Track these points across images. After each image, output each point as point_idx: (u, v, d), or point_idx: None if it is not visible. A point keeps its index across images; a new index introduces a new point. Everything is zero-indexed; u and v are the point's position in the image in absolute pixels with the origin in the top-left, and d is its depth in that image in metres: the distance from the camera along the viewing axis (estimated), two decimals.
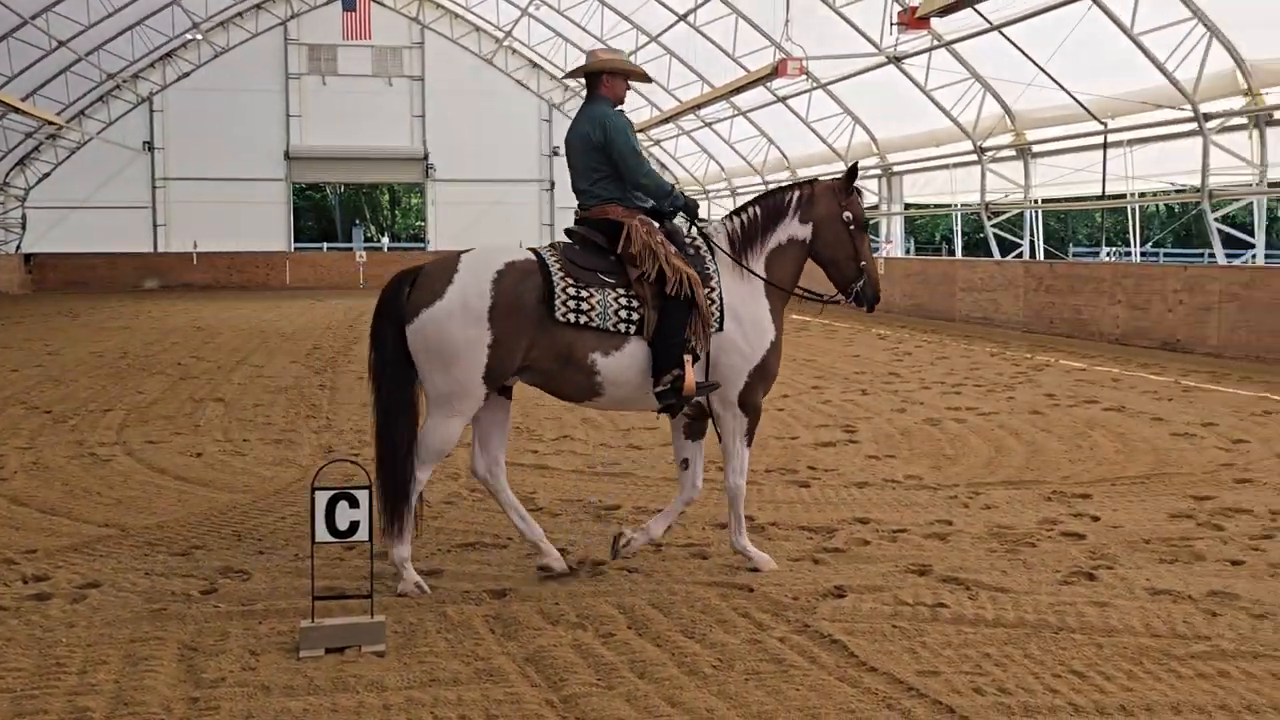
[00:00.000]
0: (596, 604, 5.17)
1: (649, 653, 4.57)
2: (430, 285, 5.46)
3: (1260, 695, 4.12)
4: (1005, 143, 22.56)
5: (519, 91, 39.40)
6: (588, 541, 6.28)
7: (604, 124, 5.79)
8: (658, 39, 30.39)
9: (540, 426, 10.11)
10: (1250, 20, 15.99)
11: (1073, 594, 5.29)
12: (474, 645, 4.66)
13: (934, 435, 9.60)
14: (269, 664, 4.46)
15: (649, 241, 5.65)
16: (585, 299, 5.51)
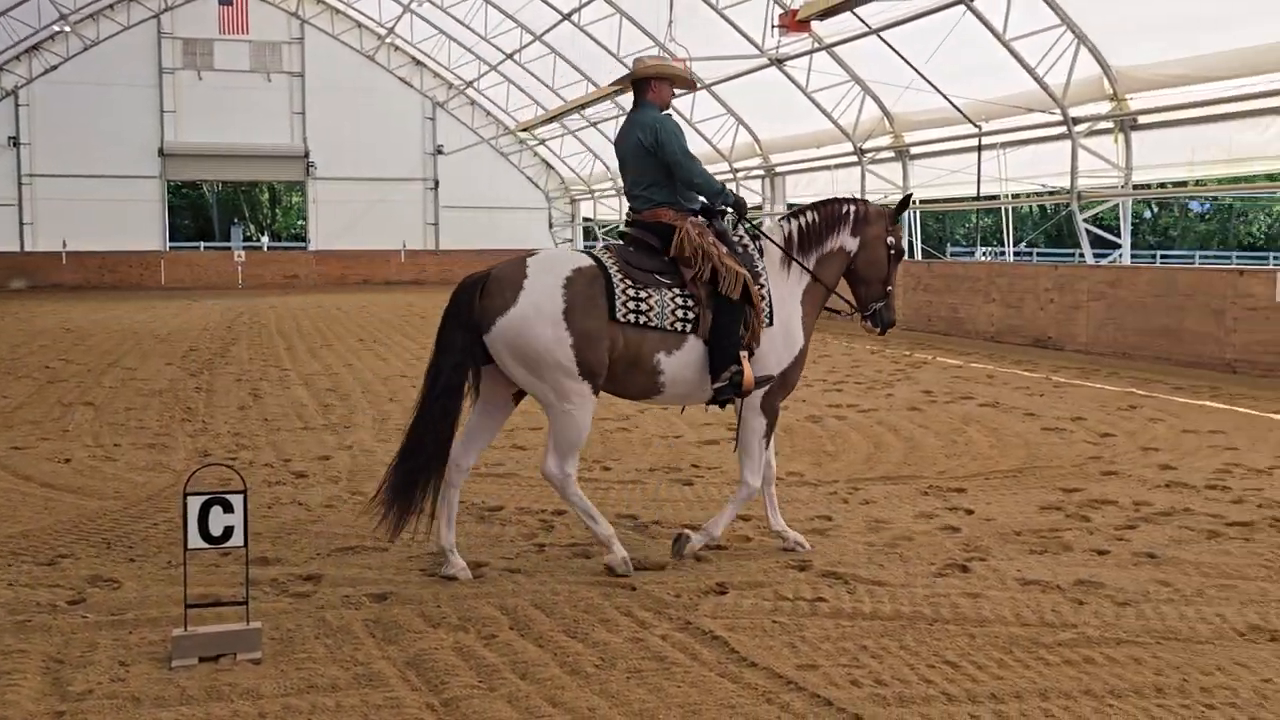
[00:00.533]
0: (479, 606, 5.13)
1: (531, 653, 4.55)
2: (501, 291, 5.57)
3: (1123, 680, 4.26)
4: (884, 144, 23.01)
5: (402, 89, 38.96)
6: (470, 543, 6.23)
7: (656, 129, 5.96)
8: (542, 38, 30.31)
9: None
10: (1116, 28, 16.56)
11: (947, 586, 5.42)
12: (353, 650, 4.60)
13: (815, 432, 9.75)
14: (139, 675, 4.33)
15: (701, 243, 5.82)
16: (644, 300, 5.69)
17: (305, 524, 6.65)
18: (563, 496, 5.74)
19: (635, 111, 6.14)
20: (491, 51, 33.54)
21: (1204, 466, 8.27)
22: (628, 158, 6.09)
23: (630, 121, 6.12)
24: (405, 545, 6.16)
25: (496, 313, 5.53)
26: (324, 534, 6.44)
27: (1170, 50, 16.02)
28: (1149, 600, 5.19)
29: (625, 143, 6.10)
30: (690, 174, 5.94)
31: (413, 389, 12.39)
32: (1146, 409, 11.01)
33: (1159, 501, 7.18)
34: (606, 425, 10.09)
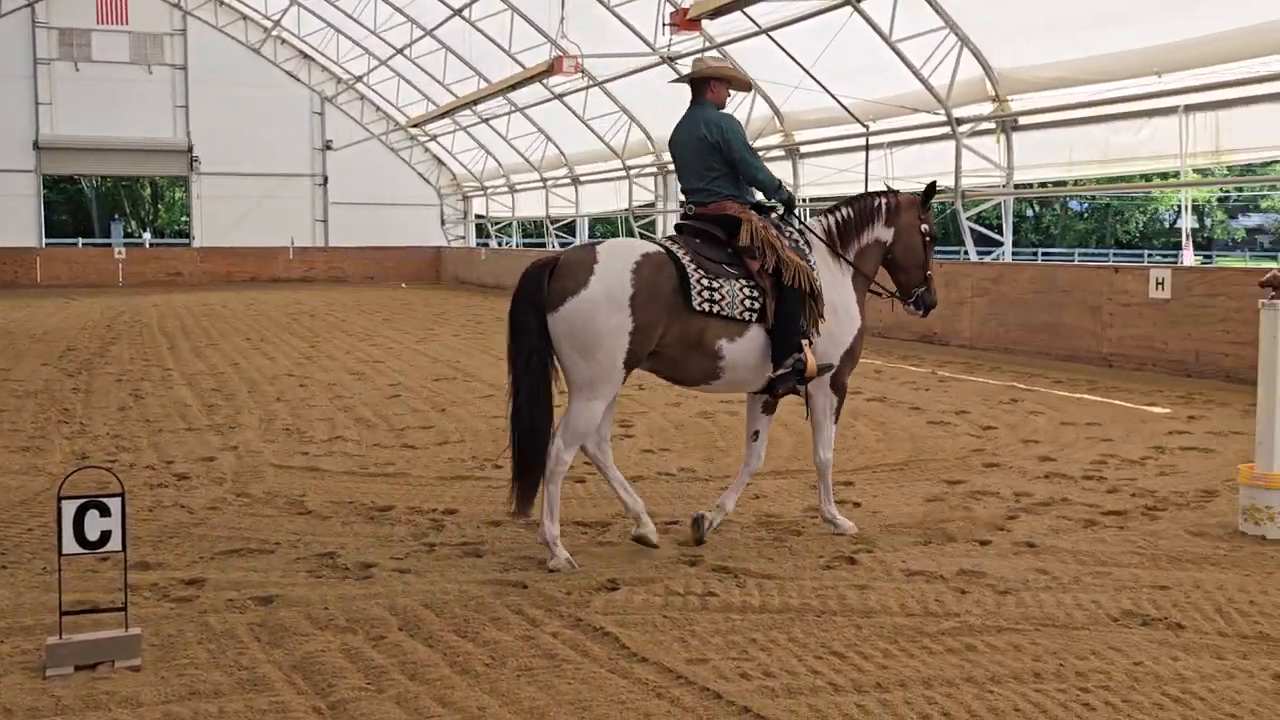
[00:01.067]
0: (367, 607, 5.07)
1: (420, 654, 4.51)
2: (573, 275, 5.72)
3: (1003, 667, 4.37)
4: (775, 143, 23.26)
5: (289, 83, 38.24)
6: (358, 544, 6.15)
7: (721, 126, 6.20)
8: (432, 33, 30.03)
9: (311, 428, 9.84)
10: (998, 31, 16.97)
11: (835, 578, 5.50)
12: (237, 655, 4.50)
13: (707, 428, 9.82)
14: (11, 685, 4.19)
15: (765, 236, 6.07)
16: (716, 289, 5.88)
17: (188, 527, 6.49)
18: (546, 481, 5.81)
19: (695, 109, 6.34)
20: (381, 46, 33.12)
21: (1081, 458, 8.52)
22: (689, 153, 6.28)
23: (691, 118, 6.32)
24: (291, 547, 6.06)
25: (568, 294, 5.69)
26: (207, 537, 6.30)
27: (1049, 53, 16.47)
28: (1028, 588, 5.33)
29: (686, 138, 6.29)
30: (755, 170, 6.21)
31: (301, 388, 12.22)
32: (1027, 402, 11.30)
33: (1038, 492, 7.38)
34: (498, 423, 10.03)
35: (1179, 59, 14.61)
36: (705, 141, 6.20)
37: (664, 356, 5.90)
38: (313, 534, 6.36)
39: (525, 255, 34.34)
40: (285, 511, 6.89)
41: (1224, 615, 4.97)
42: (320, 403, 11.25)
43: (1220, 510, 6.86)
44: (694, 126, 6.26)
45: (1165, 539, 6.23)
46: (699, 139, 6.21)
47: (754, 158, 6.23)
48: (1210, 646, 4.61)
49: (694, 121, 6.29)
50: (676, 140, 6.41)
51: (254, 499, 7.21)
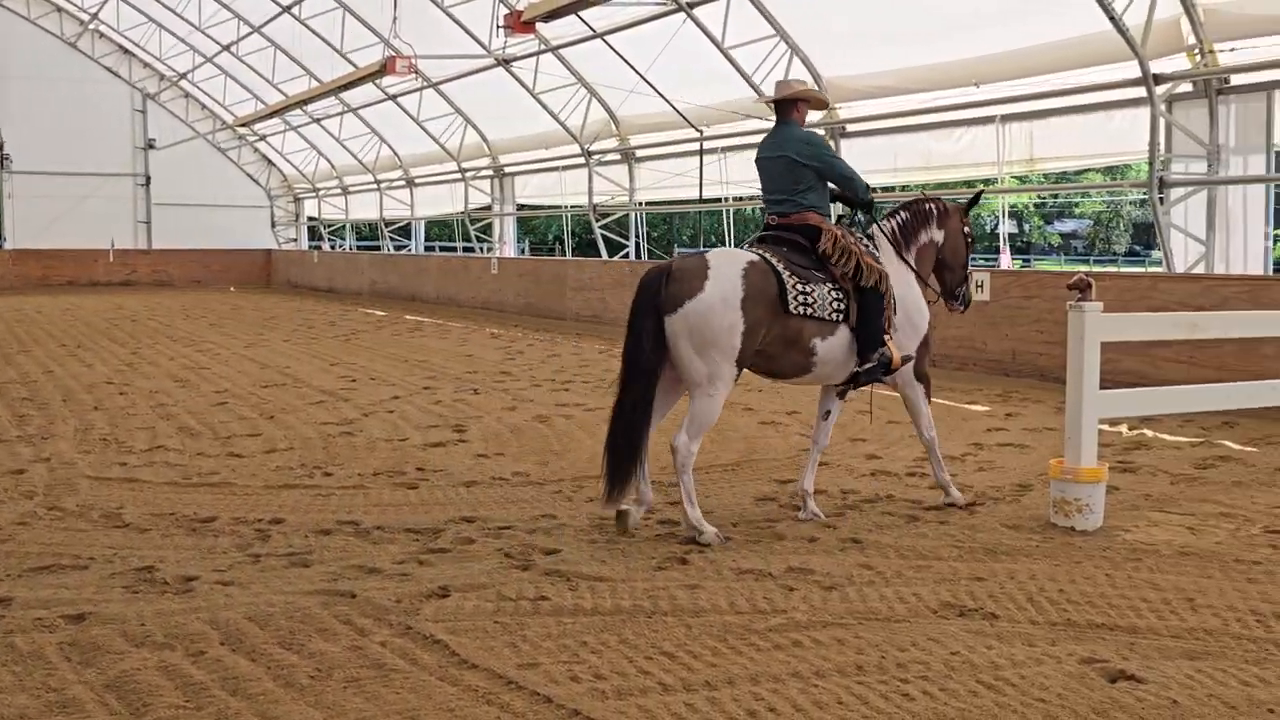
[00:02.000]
0: (187, 622, 4.90)
1: (242, 668, 4.38)
2: (689, 280, 6.28)
3: (827, 661, 4.48)
4: (611, 146, 23.38)
5: (109, 79, 36.70)
6: (179, 556, 5.95)
7: (812, 144, 6.88)
8: (261, 30, 29.23)
9: (131, 437, 9.47)
10: (826, 40, 17.40)
11: (666, 579, 5.55)
12: (45, 676, 4.30)
13: (543, 432, 9.81)
14: None
15: (845, 243, 6.67)
16: (808, 293, 6.49)
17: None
18: (678, 471, 6.34)
19: (783, 127, 6.94)
20: (206, 42, 32.08)
21: (905, 455, 8.79)
22: (778, 167, 6.85)
23: (780, 136, 6.91)
24: (106, 562, 5.82)
25: (685, 297, 6.24)
26: (15, 554, 5.99)
27: (875, 63, 16.96)
28: (853, 583, 5.47)
29: (775, 154, 6.87)
30: (850, 175, 6.91)
31: (120, 396, 11.74)
32: (856, 402, 11.52)
33: (864, 489, 7.59)
34: (329, 430, 9.84)
35: (996, 70, 15.21)
36: (796, 158, 6.77)
37: (765, 354, 6.47)
38: (130, 548, 6.12)
39: (357, 258, 33.76)
40: (100, 525, 6.61)
41: (1035, 604, 5.19)
42: (141, 411, 10.85)
43: (1034, 504, 7.17)
44: (784, 144, 6.85)
45: (983, 532, 6.47)
46: (790, 155, 6.79)
47: (846, 166, 6.96)
48: (1022, 634, 4.80)
49: (783, 139, 6.88)
50: (764, 157, 6.96)
51: (67, 512, 6.90)
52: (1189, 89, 13.19)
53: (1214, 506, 7.09)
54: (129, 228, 37.22)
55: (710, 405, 6.35)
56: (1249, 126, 12.79)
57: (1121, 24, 12.45)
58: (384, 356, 16.12)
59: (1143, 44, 12.61)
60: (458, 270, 28.02)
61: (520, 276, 25.11)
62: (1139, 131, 13.58)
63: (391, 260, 32.00)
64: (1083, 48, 13.72)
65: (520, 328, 21.61)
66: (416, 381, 13.18)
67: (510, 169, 27.69)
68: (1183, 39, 12.84)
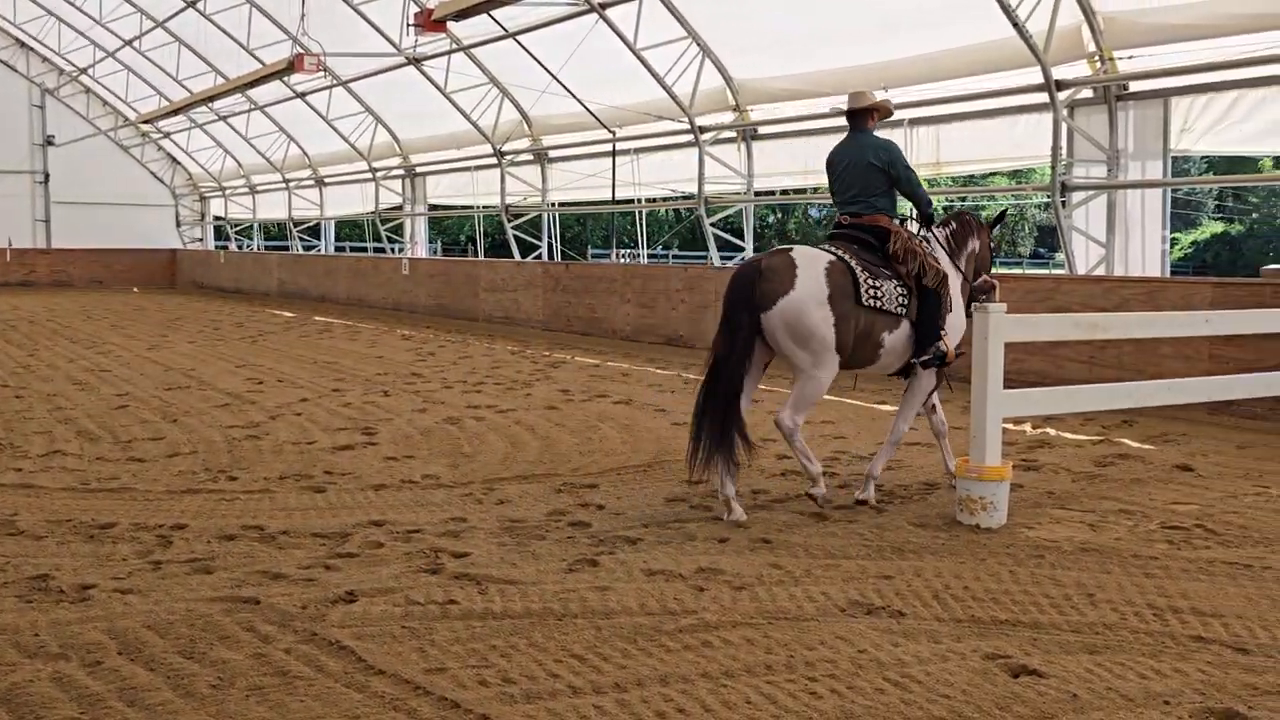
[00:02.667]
0: (83, 631, 4.76)
1: (141, 678, 4.27)
2: (780, 279, 6.84)
3: (737, 661, 4.49)
4: (523, 147, 23.29)
5: (5, 73, 35.64)
6: (76, 564, 5.78)
7: (889, 150, 7.40)
8: (164, 24, 28.58)
9: (27, 442, 9.21)
10: (737, 44, 17.51)
11: (576, 581, 5.53)
12: None
13: (453, 434, 9.72)
14: None
15: (910, 245, 7.24)
16: (879, 288, 7.03)
17: None
18: (789, 442, 7.05)
19: (859, 135, 7.51)
20: (108, 37, 31.28)
21: (816, 454, 8.84)
22: (854, 171, 7.39)
23: (857, 142, 7.47)
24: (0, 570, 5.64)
25: (778, 295, 6.80)
26: None
27: (785, 66, 17.10)
28: (763, 583, 5.50)
29: (852, 159, 7.41)
30: (915, 186, 7.47)
31: (17, 399, 11.40)
32: (767, 403, 11.65)
33: (775, 489, 7.64)
34: (234, 433, 9.65)
35: (904, 75, 15.42)
36: (873, 163, 7.33)
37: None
38: (24, 556, 5.94)
39: (266, 259, 33.21)
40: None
41: (941, 601, 5.26)
42: (38, 415, 10.55)
43: (940, 502, 7.27)
44: (863, 150, 7.40)
45: (890, 530, 6.55)
46: (868, 161, 7.34)
47: (914, 176, 7.49)
48: (928, 631, 4.86)
49: (861, 146, 7.44)
50: (841, 160, 7.50)
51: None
52: (1090, 95, 13.50)
53: (1113, 504, 7.26)
54: (27, 226, 36.21)
55: (814, 386, 6.98)
56: (1147, 132, 13.13)
57: (1025, 31, 12.70)
58: (292, 358, 15.87)
59: (1045, 51, 12.88)
60: (368, 271, 27.69)
61: (432, 277, 24.89)
62: (1042, 136, 13.87)
63: (301, 261, 31.53)
64: (988, 54, 13.97)
65: (432, 329, 21.42)
66: (325, 384, 12.99)
67: (422, 169, 27.44)
68: (1084, 46, 13.13)
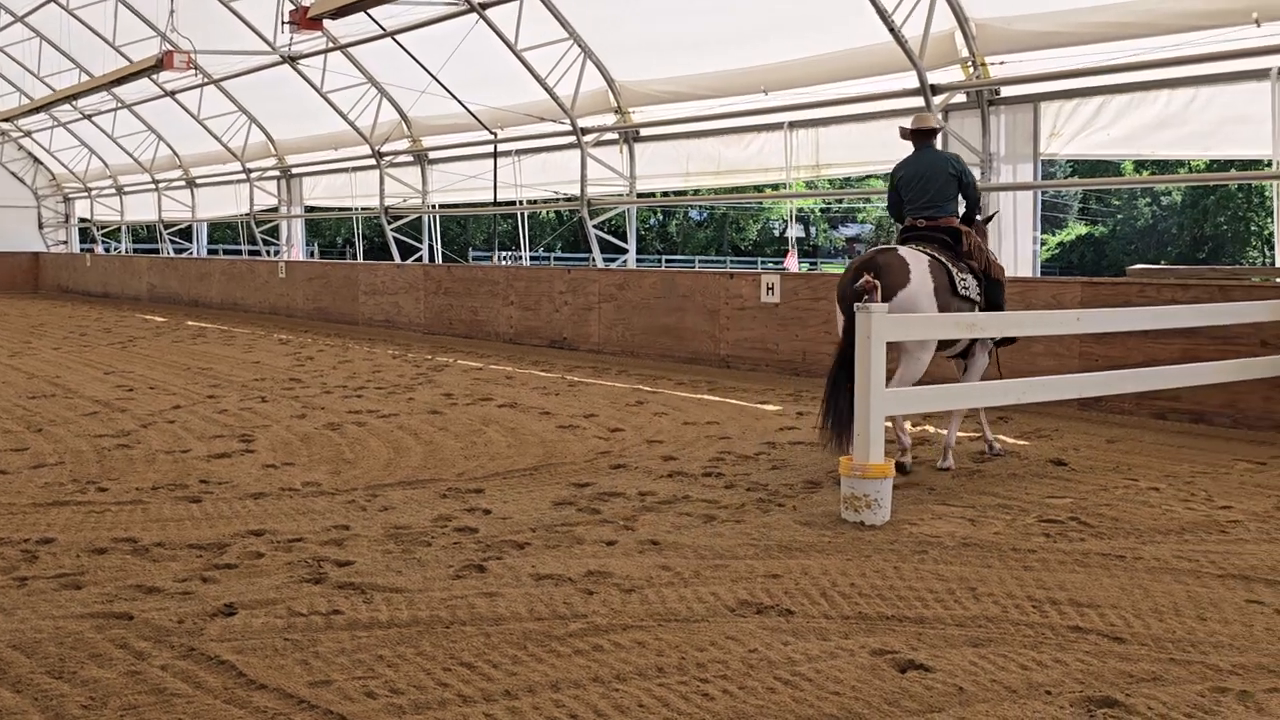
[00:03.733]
0: None
1: (6, 700, 4.07)
2: (897, 274, 7.86)
3: (628, 664, 4.46)
4: (403, 148, 22.99)
5: None
6: None
7: (960, 162, 8.75)
8: (24, 19, 27.55)
9: None
10: (619, 46, 17.53)
11: (464, 587, 5.44)
12: None
13: (334, 440, 9.53)
14: None
15: (977, 242, 8.56)
16: (965, 279, 8.24)
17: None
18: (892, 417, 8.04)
19: (928, 150, 8.74)
20: None
21: (701, 456, 8.89)
22: (938, 180, 8.53)
23: (928, 156, 8.68)
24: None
25: (898, 288, 7.77)
26: None
27: (667, 68, 17.19)
28: (652, 585, 5.48)
29: (926, 170, 8.57)
30: (978, 193, 8.87)
31: None
32: (652, 404, 11.71)
33: (662, 491, 7.63)
34: (104, 443, 9.32)
35: (785, 78, 15.61)
36: (949, 174, 8.53)
37: None
38: None
39: (135, 262, 32.23)
40: None
41: (828, 599, 5.30)
42: None
43: (825, 500, 7.34)
44: (937, 162, 8.63)
45: (777, 530, 6.59)
46: (945, 172, 8.54)
47: (979, 186, 8.93)
48: (816, 629, 4.90)
49: (934, 159, 8.68)
50: (916, 173, 8.60)
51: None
52: (964, 99, 13.82)
53: (991, 499, 7.42)
54: None
55: (918, 366, 8.05)
56: (1017, 136, 13.50)
57: (901, 36, 12.95)
58: (164, 364, 15.41)
59: (921, 56, 13.15)
60: (244, 274, 27.04)
61: (310, 280, 24.41)
62: None
63: (172, 264, 30.66)
64: (866, 58, 14.21)
65: (310, 333, 21.01)
66: (200, 390, 12.63)
67: (298, 169, 26.92)
68: (957, 52, 13.44)
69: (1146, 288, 10.64)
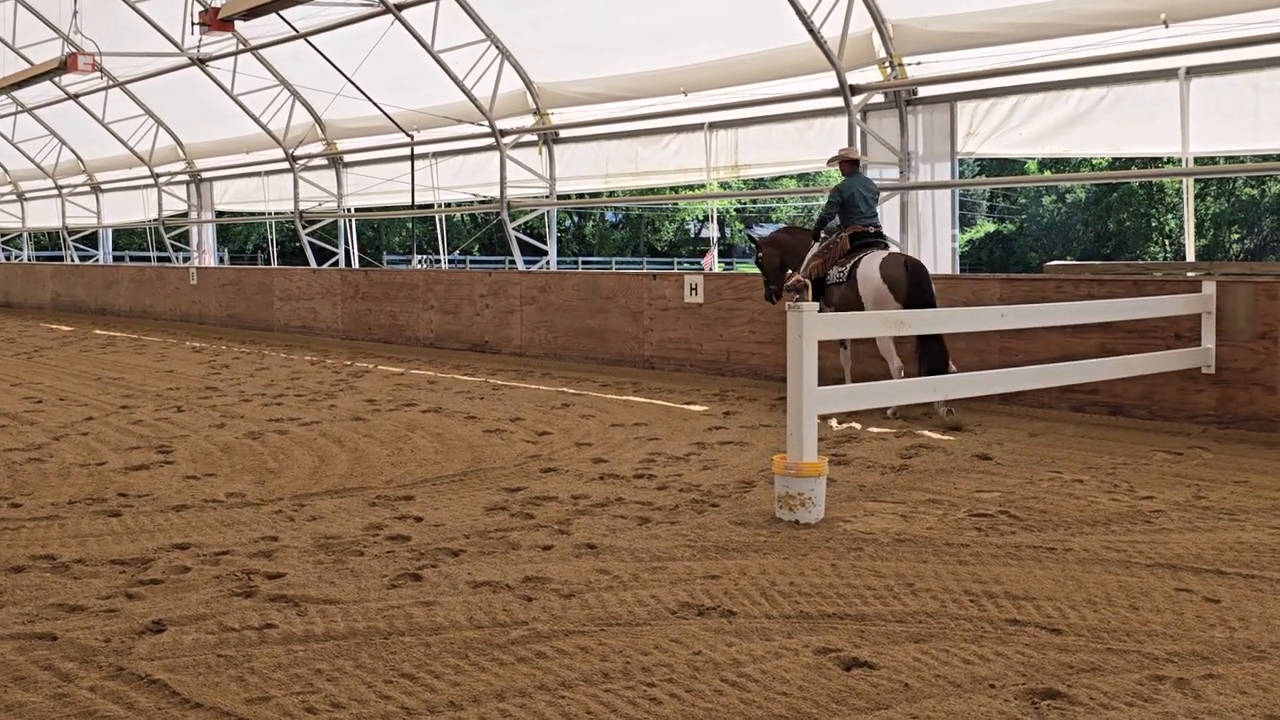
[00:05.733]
0: None
1: None
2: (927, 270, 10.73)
3: (573, 671, 4.40)
4: (317, 151, 22.66)
5: None
6: None
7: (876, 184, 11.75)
8: None
9: None
10: (538, 47, 17.44)
11: (400, 597, 5.34)
12: None
13: (256, 449, 9.33)
14: None
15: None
16: None
17: None
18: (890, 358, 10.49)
19: (859, 174, 11.37)
20: None
21: (631, 457, 8.86)
22: (871, 196, 11.24)
23: (862, 178, 11.36)
24: None
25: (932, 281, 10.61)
26: None
27: (586, 70, 17.14)
28: (591, 589, 5.43)
29: (867, 189, 11.26)
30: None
31: None
32: (578, 406, 11.65)
33: (594, 494, 7.58)
34: (14, 456, 9.02)
35: (704, 80, 15.65)
36: (877, 192, 11.54)
37: None
38: None
39: (37, 270, 31.38)
40: None
41: (769, 598, 5.29)
42: None
43: (758, 499, 7.35)
44: (871, 184, 11.48)
45: (713, 530, 6.58)
46: (876, 190, 11.54)
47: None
48: (759, 630, 4.88)
49: (867, 180, 11.46)
50: (860, 190, 11.10)
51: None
52: (881, 100, 13.96)
53: (922, 494, 7.48)
54: None
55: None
56: (935, 135, 13.67)
57: (820, 37, 13.04)
58: (73, 374, 14.99)
59: (840, 56, 13.26)
60: (153, 281, 26.43)
61: (223, 286, 23.94)
62: (835, 139, 14.27)
63: (77, 271, 29.89)
64: (785, 59, 14.29)
65: (225, 340, 20.60)
66: (112, 400, 12.30)
67: (208, 174, 26.41)
68: (875, 53, 13.57)
69: (1064, 283, 10.83)
